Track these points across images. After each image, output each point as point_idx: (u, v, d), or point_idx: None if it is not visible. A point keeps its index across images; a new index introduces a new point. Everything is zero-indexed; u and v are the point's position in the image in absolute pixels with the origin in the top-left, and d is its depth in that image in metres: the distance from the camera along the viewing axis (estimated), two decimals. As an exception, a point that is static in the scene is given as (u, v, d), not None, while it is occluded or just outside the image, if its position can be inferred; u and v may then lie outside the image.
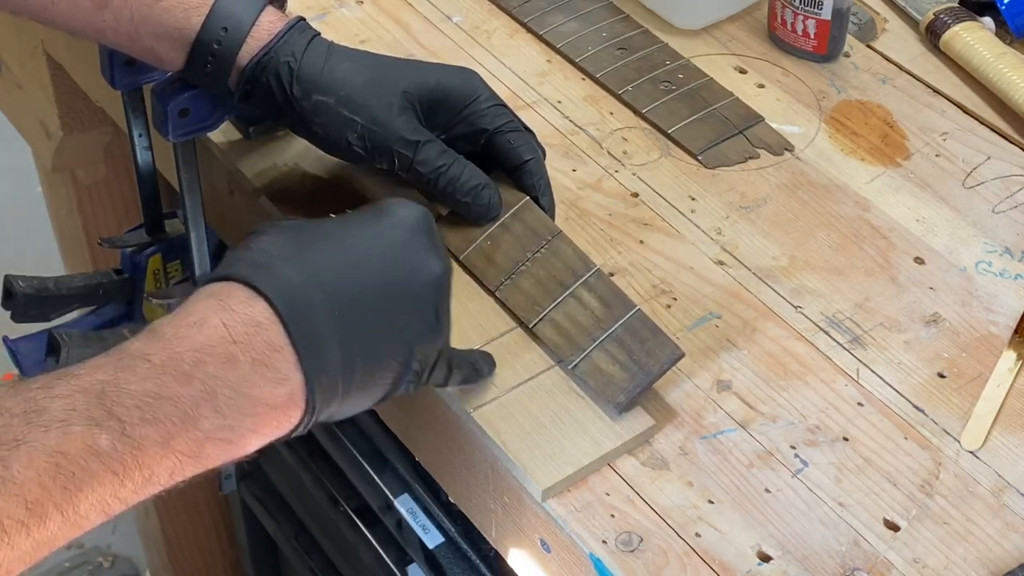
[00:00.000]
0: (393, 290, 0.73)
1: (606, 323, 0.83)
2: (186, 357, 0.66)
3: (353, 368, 0.71)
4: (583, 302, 0.84)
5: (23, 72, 1.39)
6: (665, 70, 1.05)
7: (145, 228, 1.08)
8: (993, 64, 1.03)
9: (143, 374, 0.65)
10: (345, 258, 0.73)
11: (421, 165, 0.87)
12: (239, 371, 0.67)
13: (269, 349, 0.68)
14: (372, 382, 0.72)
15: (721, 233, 0.93)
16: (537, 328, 0.85)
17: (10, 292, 1.04)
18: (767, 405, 0.83)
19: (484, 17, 1.10)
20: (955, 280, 0.91)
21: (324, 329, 0.69)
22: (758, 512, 0.77)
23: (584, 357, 0.82)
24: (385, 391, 0.74)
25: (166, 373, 0.65)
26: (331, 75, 0.86)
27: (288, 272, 0.70)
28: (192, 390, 0.65)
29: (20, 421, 0.61)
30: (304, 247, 0.72)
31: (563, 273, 0.86)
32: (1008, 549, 0.76)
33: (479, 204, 0.88)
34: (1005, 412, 0.83)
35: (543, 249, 0.87)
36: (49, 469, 0.60)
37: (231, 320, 0.68)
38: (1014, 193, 0.97)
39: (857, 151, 1.00)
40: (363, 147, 0.87)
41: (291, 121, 0.89)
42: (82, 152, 1.45)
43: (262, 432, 0.68)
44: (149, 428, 0.63)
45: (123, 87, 0.95)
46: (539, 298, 0.86)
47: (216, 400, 0.66)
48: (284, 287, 0.69)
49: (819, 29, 1.05)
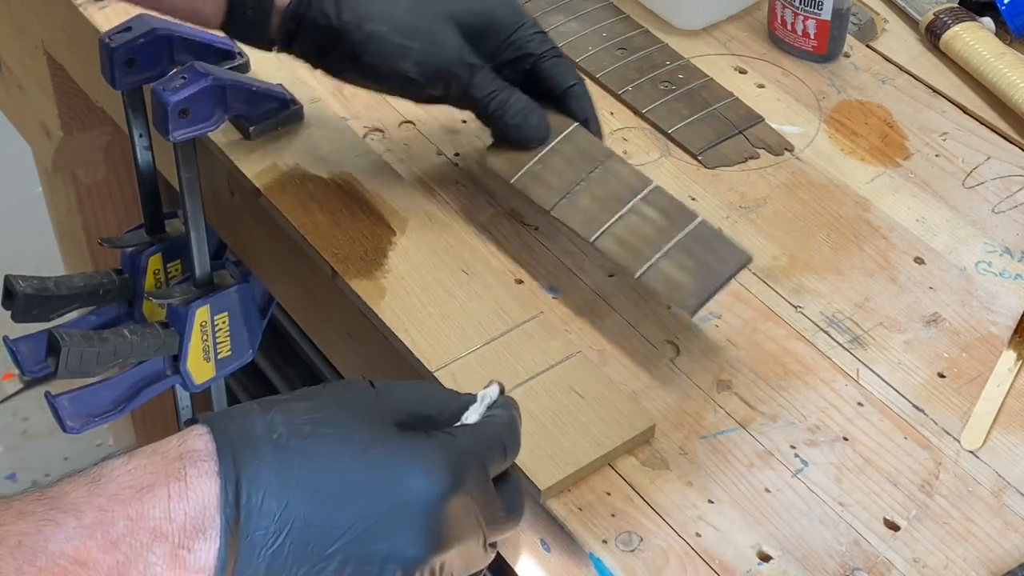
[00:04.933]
0: (355, 553, 0.63)
1: (670, 233, 0.84)
2: (119, 524, 0.60)
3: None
4: (644, 216, 0.85)
5: (23, 72, 1.39)
6: (665, 70, 1.05)
7: (145, 228, 1.08)
8: (993, 64, 1.03)
9: (68, 533, 0.59)
10: (327, 506, 0.63)
11: (476, 89, 0.88)
12: (164, 549, 0.61)
13: (201, 542, 0.61)
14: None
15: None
16: (598, 242, 0.85)
17: (10, 292, 1.04)
18: (767, 405, 0.83)
19: (484, 17, 1.10)
20: (955, 280, 0.91)
21: (261, 555, 0.62)
22: (758, 512, 0.77)
23: (650, 266, 0.83)
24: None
25: (92, 537, 0.60)
26: (382, 2, 0.86)
27: (270, 478, 0.62)
28: (111, 559, 0.60)
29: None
30: (309, 455, 0.63)
31: (621, 190, 0.87)
32: (1008, 549, 0.76)
33: (528, 126, 0.89)
34: (1005, 412, 0.83)
35: (597, 169, 0.88)
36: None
37: (178, 498, 0.61)
38: (1014, 193, 0.97)
39: (857, 151, 1.00)
40: (420, 74, 0.87)
41: (337, 59, 0.88)
42: (82, 152, 1.45)
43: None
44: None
45: (123, 87, 0.95)
46: (597, 214, 0.86)
47: (129, 572, 0.61)
48: (255, 492, 0.62)
49: (819, 29, 1.05)
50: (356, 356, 0.95)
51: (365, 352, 0.93)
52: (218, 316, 1.03)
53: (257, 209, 0.96)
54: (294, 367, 1.38)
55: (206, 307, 1.02)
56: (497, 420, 0.69)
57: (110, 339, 0.99)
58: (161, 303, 1.03)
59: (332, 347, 1.00)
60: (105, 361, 0.99)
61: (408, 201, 0.94)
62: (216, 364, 1.05)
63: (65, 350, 0.97)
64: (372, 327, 0.88)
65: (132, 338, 1.00)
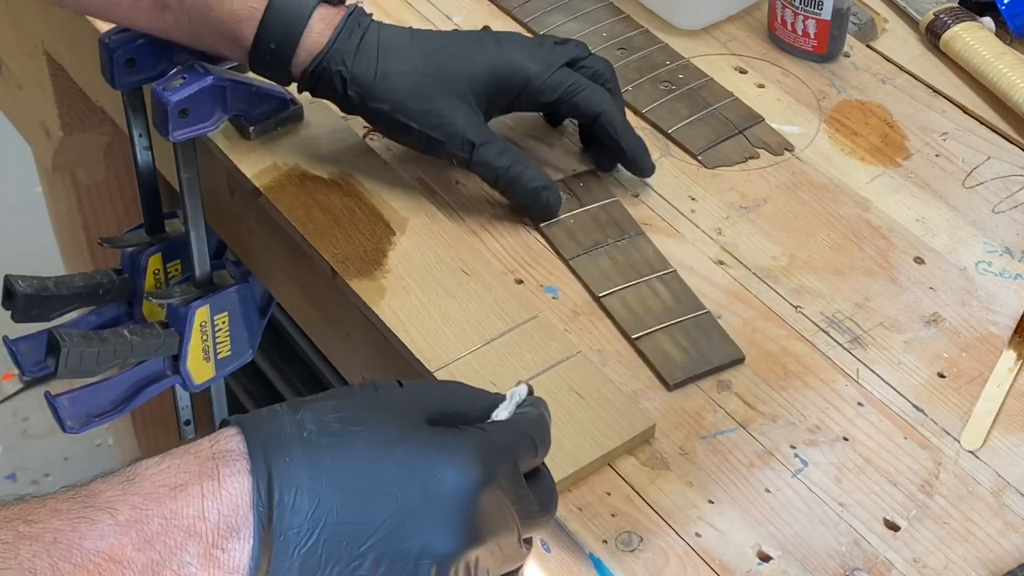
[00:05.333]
0: (389, 549, 0.63)
1: (676, 313, 0.87)
2: (154, 523, 0.61)
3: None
4: (656, 292, 0.88)
5: (23, 72, 1.39)
6: (665, 70, 1.05)
7: (145, 228, 1.08)
8: (993, 64, 1.03)
9: (103, 531, 0.60)
10: (358, 502, 0.63)
11: (479, 167, 0.91)
12: (198, 548, 0.61)
13: (235, 541, 0.62)
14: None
15: (721, 233, 0.93)
16: (605, 300, 0.88)
17: (10, 292, 1.04)
18: (767, 405, 0.83)
19: (484, 17, 1.10)
20: (955, 280, 0.91)
21: (294, 553, 0.62)
22: (758, 512, 0.77)
23: (648, 334, 0.85)
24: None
25: (127, 534, 0.60)
26: (384, 82, 0.89)
27: (302, 476, 0.62)
28: (146, 557, 0.60)
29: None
30: (338, 453, 0.64)
31: (640, 264, 0.90)
32: (1008, 549, 0.76)
33: (539, 205, 0.92)
34: (1005, 412, 0.83)
35: (624, 240, 0.91)
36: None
37: (212, 497, 0.61)
38: (1014, 193, 0.97)
39: (857, 151, 1.00)
40: (422, 148, 0.91)
41: (354, 113, 0.93)
42: (82, 152, 1.45)
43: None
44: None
45: (123, 87, 0.95)
46: (613, 276, 0.89)
47: (163, 571, 0.61)
48: (287, 490, 0.62)
49: (819, 29, 1.05)
50: (356, 356, 0.95)
51: (365, 352, 0.93)
52: (218, 316, 1.03)
53: (257, 209, 0.96)
54: (294, 367, 1.38)
55: (206, 307, 1.02)
56: (527, 417, 0.69)
57: (110, 339, 0.99)
58: (161, 303, 1.03)
59: (332, 347, 1.00)
60: (105, 361, 0.99)
61: (408, 201, 0.94)
62: (216, 364, 1.05)
63: (65, 350, 0.97)
64: (372, 327, 0.88)
65: (132, 338, 1.00)
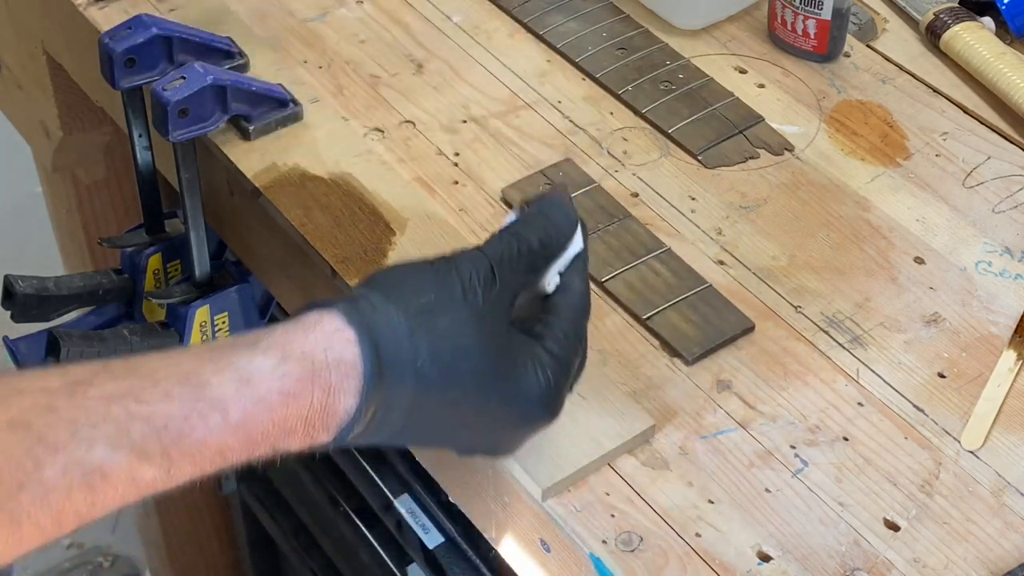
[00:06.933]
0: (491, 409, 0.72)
1: (679, 291, 0.87)
2: (261, 426, 0.65)
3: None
4: (655, 271, 0.89)
5: (23, 72, 1.39)
6: (665, 70, 1.05)
7: (145, 228, 1.08)
8: (993, 64, 1.03)
9: (213, 427, 0.63)
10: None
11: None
12: (299, 443, 0.67)
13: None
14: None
15: (721, 233, 0.93)
16: (609, 284, 0.88)
17: (10, 292, 1.04)
18: (767, 405, 0.83)
19: (484, 17, 1.10)
20: (955, 280, 0.91)
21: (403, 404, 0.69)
22: (758, 512, 0.77)
23: (658, 312, 0.86)
24: None
25: (236, 434, 0.64)
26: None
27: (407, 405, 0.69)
28: (250, 455, 0.65)
29: (65, 429, 0.60)
30: (446, 392, 0.70)
31: (635, 245, 0.90)
32: (1008, 549, 0.76)
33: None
34: (1005, 412, 0.83)
35: (614, 224, 0.91)
36: (82, 485, 0.60)
37: (321, 402, 0.66)
38: (1014, 193, 0.97)
39: (857, 151, 1.00)
40: None
41: None
42: (82, 152, 1.45)
43: None
44: (192, 470, 0.63)
45: (123, 87, 0.95)
46: (611, 260, 0.89)
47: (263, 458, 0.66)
48: (402, 379, 0.68)
49: (819, 29, 1.05)
50: (356, 356, 0.95)
51: (365, 352, 0.93)
52: (218, 316, 1.03)
53: (257, 209, 0.96)
54: (294, 367, 1.37)
55: (206, 307, 1.02)
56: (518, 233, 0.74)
57: (110, 339, 0.99)
58: (161, 303, 1.03)
59: (332, 347, 1.00)
60: (105, 361, 0.99)
61: (408, 201, 0.94)
62: (216, 364, 1.05)
63: (65, 350, 0.97)
64: (372, 327, 0.87)
65: (132, 338, 1.00)
